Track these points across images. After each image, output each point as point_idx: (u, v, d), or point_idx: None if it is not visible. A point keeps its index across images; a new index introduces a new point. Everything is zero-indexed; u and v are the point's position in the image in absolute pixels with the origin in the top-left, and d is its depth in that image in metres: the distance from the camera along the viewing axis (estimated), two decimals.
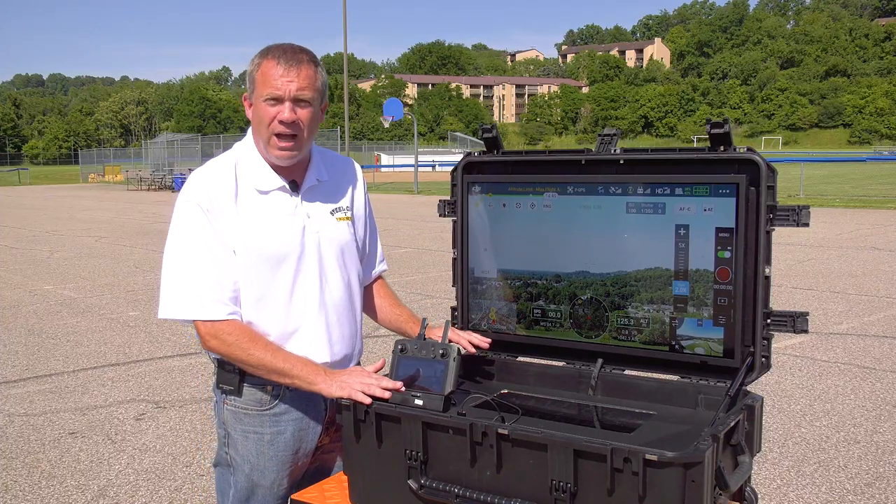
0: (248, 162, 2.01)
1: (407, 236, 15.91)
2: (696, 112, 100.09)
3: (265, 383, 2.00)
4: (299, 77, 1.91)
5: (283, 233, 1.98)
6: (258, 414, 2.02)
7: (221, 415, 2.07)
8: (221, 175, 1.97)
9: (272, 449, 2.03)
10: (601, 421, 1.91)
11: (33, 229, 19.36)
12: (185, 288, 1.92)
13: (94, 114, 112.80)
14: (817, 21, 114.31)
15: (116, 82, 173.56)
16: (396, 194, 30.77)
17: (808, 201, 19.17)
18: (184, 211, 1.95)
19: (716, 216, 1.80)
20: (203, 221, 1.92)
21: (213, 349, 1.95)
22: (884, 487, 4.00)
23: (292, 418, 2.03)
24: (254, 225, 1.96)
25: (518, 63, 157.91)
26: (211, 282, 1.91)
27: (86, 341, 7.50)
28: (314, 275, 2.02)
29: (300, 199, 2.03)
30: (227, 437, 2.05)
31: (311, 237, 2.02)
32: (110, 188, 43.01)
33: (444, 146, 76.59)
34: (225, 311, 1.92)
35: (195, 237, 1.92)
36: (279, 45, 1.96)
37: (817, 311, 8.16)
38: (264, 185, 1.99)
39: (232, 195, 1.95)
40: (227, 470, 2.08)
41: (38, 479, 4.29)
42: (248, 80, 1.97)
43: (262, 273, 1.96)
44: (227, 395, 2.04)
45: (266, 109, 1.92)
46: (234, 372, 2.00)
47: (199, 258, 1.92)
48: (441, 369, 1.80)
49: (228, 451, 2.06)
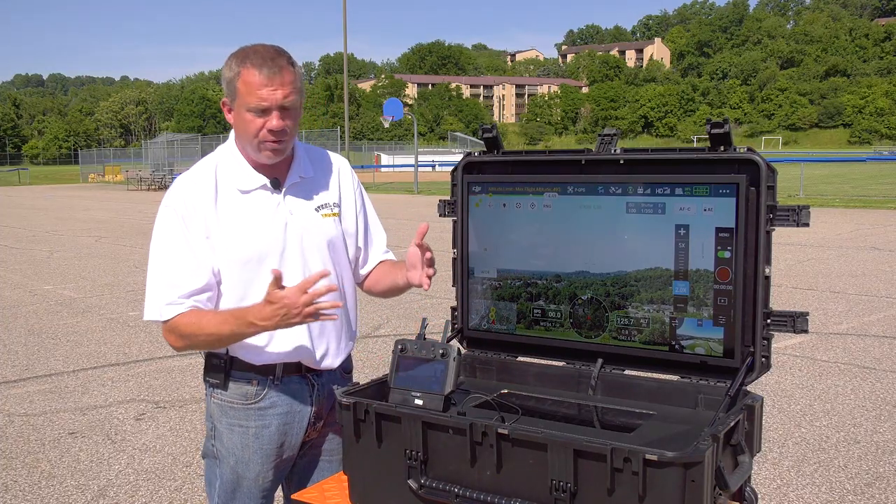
0: (230, 163, 2.02)
1: (407, 236, 15.85)
2: (696, 112, 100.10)
3: (250, 378, 2.03)
4: (283, 85, 1.91)
5: (263, 231, 1.99)
6: (243, 408, 2.04)
7: (209, 408, 2.10)
8: (201, 179, 2.00)
9: (257, 442, 2.05)
10: (601, 421, 1.91)
11: (33, 229, 19.36)
12: (150, 291, 1.98)
13: (94, 114, 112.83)
14: (817, 21, 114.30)
15: (116, 82, 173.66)
16: (396, 194, 30.78)
17: (808, 201, 19.16)
18: (160, 216, 2.00)
19: (716, 216, 1.80)
20: (174, 226, 1.96)
21: (178, 347, 2.00)
22: (884, 487, 4.00)
23: (277, 412, 2.05)
24: (234, 225, 1.97)
25: (518, 63, 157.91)
26: (167, 284, 1.95)
27: (86, 341, 7.50)
28: (297, 272, 2.01)
29: (282, 196, 2.03)
30: (214, 429, 2.09)
31: (294, 234, 2.02)
32: (110, 188, 43.00)
33: (444, 146, 76.58)
34: (173, 310, 1.94)
35: (164, 241, 1.97)
36: (255, 50, 1.93)
37: (817, 311, 8.16)
38: (245, 184, 2.01)
39: (211, 198, 1.97)
40: (214, 462, 2.11)
41: (38, 479, 4.29)
42: (228, 86, 1.95)
43: (244, 273, 1.98)
44: (213, 388, 2.07)
45: (252, 119, 1.92)
46: (220, 366, 2.03)
47: (163, 263, 1.97)
48: (441, 369, 1.80)
49: (215, 444, 2.10)
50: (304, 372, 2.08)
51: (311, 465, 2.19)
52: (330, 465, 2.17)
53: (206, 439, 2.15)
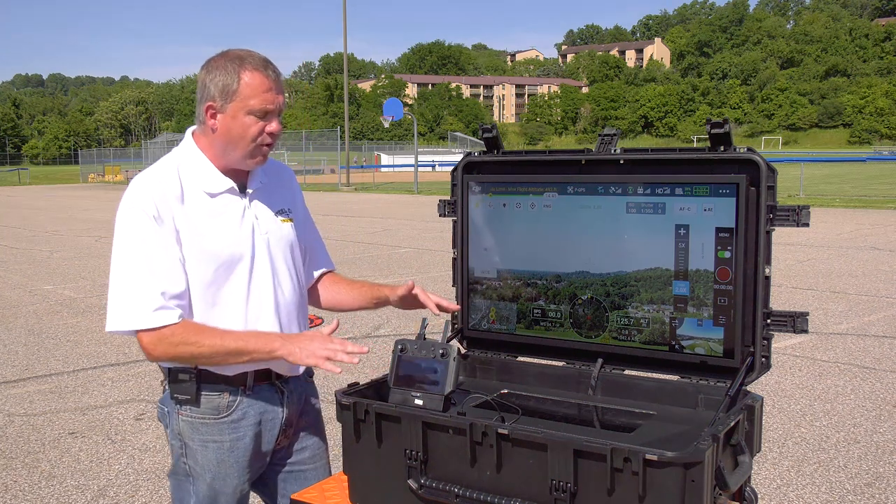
0: (193, 165, 1.97)
1: (407, 236, 15.91)
2: (696, 112, 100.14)
3: (221, 390, 1.98)
4: (282, 91, 1.95)
5: (235, 234, 1.97)
6: (216, 422, 1.99)
7: (176, 426, 2.02)
8: (165, 179, 1.93)
9: (232, 456, 2.01)
10: (601, 421, 1.91)
11: (33, 229, 19.36)
12: (127, 299, 1.87)
13: (94, 114, 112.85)
14: (817, 21, 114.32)
15: (116, 82, 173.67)
16: (396, 194, 30.78)
17: (808, 201, 19.19)
18: (126, 219, 1.90)
19: (716, 216, 1.80)
20: (146, 227, 1.87)
21: (160, 356, 1.89)
22: (884, 487, 4.00)
23: (250, 423, 2.02)
24: (205, 228, 1.93)
25: (518, 63, 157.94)
26: (152, 290, 1.85)
27: (86, 341, 7.50)
28: (268, 276, 2.01)
29: (248, 200, 2.02)
30: (185, 447, 2.02)
31: (261, 238, 2.01)
32: (110, 188, 42.99)
33: (444, 146, 76.59)
34: (165, 316, 1.86)
35: (137, 244, 1.87)
36: (249, 54, 1.92)
37: (817, 311, 8.16)
38: (212, 187, 1.96)
39: (178, 198, 1.91)
40: (187, 479, 2.04)
41: (38, 479, 4.29)
42: (223, 90, 1.89)
43: (216, 277, 1.93)
44: (181, 405, 2.00)
45: (253, 122, 1.90)
46: (191, 380, 1.96)
47: (139, 266, 1.86)
48: (441, 369, 1.80)
49: (187, 462, 2.03)
50: (272, 379, 2.05)
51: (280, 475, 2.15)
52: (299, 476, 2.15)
53: (174, 459, 2.07)
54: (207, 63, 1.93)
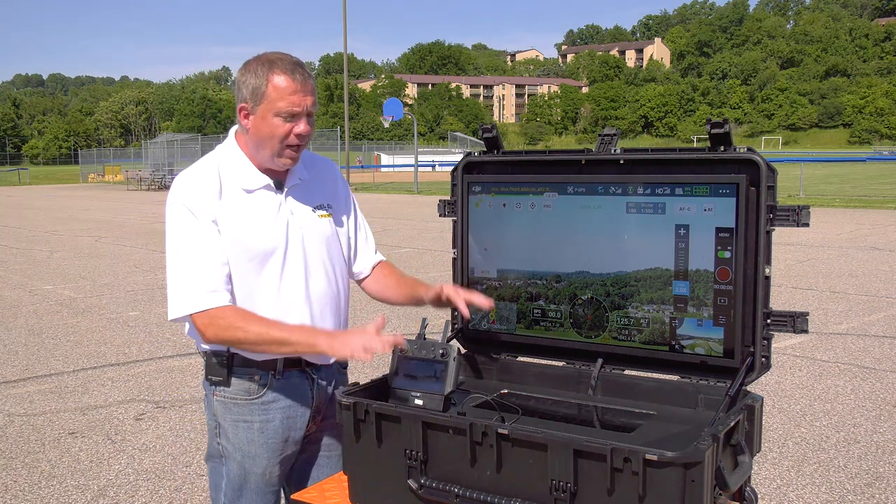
0: (232, 163, 2.08)
1: (407, 236, 15.91)
2: (696, 112, 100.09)
3: (252, 374, 2.07)
4: (311, 92, 2.01)
5: (269, 229, 2.05)
6: (247, 403, 2.08)
7: (212, 406, 2.13)
8: (205, 176, 2.04)
9: (262, 437, 2.09)
10: (601, 421, 1.91)
11: (33, 229, 19.36)
12: (182, 287, 1.98)
13: (94, 114, 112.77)
14: (817, 21, 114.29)
15: (116, 82, 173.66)
16: (396, 194, 30.79)
17: (808, 201, 19.18)
18: (172, 214, 2.02)
19: (716, 216, 1.80)
20: (191, 220, 1.99)
21: (212, 339, 1.99)
22: (884, 487, 4.00)
23: (280, 406, 2.09)
24: (241, 222, 2.02)
25: (518, 63, 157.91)
26: (201, 276, 1.97)
27: (86, 341, 7.50)
28: (300, 269, 2.08)
29: (284, 196, 2.10)
30: (218, 427, 2.12)
31: (296, 233, 2.09)
32: (110, 188, 43.01)
33: (444, 146, 76.55)
34: (216, 299, 1.96)
35: (185, 237, 1.99)
36: (279, 58, 2.00)
37: (817, 311, 8.16)
38: (250, 184, 2.06)
39: (216, 194, 2.02)
40: (220, 461, 2.14)
41: (38, 479, 4.29)
42: (253, 92, 1.98)
43: (250, 269, 2.03)
44: (216, 386, 2.10)
45: (281, 124, 1.98)
46: (223, 363, 2.06)
47: (189, 256, 1.98)
48: (441, 369, 1.80)
49: (220, 442, 2.13)
50: (303, 367, 2.12)
51: (310, 462, 2.22)
52: (329, 461, 2.21)
53: (210, 440, 2.17)
54: (244, 65, 2.04)
